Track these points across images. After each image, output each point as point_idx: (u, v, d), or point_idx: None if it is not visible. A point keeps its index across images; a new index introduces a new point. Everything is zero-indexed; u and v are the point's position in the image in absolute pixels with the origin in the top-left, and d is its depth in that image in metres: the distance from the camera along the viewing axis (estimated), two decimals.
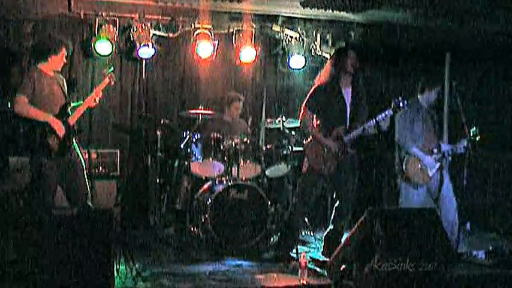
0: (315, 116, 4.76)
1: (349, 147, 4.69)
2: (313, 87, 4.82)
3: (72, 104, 4.76)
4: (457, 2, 5.90)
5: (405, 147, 5.04)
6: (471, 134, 5.00)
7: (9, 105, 4.98)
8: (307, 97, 4.80)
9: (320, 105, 4.72)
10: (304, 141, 4.92)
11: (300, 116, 4.84)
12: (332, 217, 4.91)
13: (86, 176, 4.61)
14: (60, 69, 4.70)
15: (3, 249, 3.45)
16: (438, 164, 5.06)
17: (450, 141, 5.50)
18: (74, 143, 4.62)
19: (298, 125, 5.01)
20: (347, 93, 4.75)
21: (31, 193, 4.87)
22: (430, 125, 5.15)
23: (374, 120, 4.56)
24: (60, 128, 4.45)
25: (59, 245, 3.41)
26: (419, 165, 5.02)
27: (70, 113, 4.61)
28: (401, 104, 4.49)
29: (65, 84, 4.77)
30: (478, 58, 6.88)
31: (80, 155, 4.65)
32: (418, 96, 5.21)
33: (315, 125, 4.77)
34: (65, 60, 4.68)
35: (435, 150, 5.08)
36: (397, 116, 5.07)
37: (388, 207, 6.07)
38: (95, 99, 4.69)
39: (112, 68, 4.90)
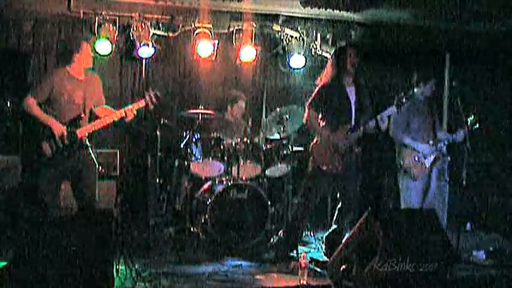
0: (320, 115, 4.74)
1: (355, 146, 4.69)
2: (317, 88, 4.80)
3: (105, 106, 4.66)
4: (457, 2, 5.89)
5: (398, 140, 5.09)
6: (469, 123, 5.06)
7: (8, 104, 4.96)
8: (312, 98, 4.79)
9: (325, 105, 4.71)
10: (311, 142, 4.85)
11: (305, 116, 4.82)
12: (335, 217, 4.91)
13: (96, 179, 4.55)
14: (92, 66, 4.60)
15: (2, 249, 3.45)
16: (435, 153, 5.05)
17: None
18: (89, 149, 4.53)
19: (304, 124, 4.97)
20: (351, 91, 4.75)
21: (23, 192, 4.85)
22: (427, 117, 5.15)
23: (379, 117, 4.56)
24: (60, 135, 4.34)
25: (59, 245, 3.40)
26: (416, 157, 5.04)
27: (86, 121, 4.51)
28: (404, 101, 4.51)
29: (101, 83, 4.67)
30: (478, 58, 6.88)
31: (93, 157, 4.56)
32: (415, 90, 5.20)
33: (320, 125, 4.74)
34: (92, 54, 4.58)
35: (431, 142, 5.09)
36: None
37: (388, 207, 6.09)
38: (124, 117, 4.53)
39: (157, 92, 4.66)
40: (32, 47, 5.89)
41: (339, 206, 4.86)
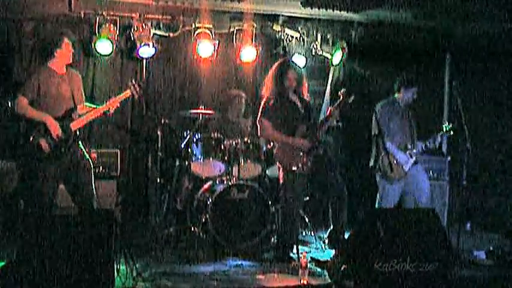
0: (272, 124, 4.85)
1: (319, 146, 4.82)
2: (263, 102, 4.95)
3: (87, 104, 4.70)
4: (457, 2, 5.90)
5: (381, 143, 5.14)
6: (444, 130, 5.26)
7: (9, 105, 4.96)
8: (261, 112, 4.91)
9: (276, 115, 4.85)
10: (274, 151, 4.94)
11: (259, 130, 4.94)
12: (330, 216, 4.93)
13: (92, 178, 4.55)
14: (71, 62, 4.62)
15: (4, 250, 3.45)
16: (413, 160, 5.22)
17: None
18: (80, 145, 4.55)
19: (259, 137, 5.14)
20: (295, 98, 4.96)
21: (21, 196, 4.83)
22: (406, 122, 5.34)
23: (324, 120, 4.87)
24: (55, 130, 4.35)
25: (59, 245, 3.40)
26: (394, 161, 5.13)
27: (78, 115, 4.53)
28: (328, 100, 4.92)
29: (81, 81, 4.71)
30: (478, 58, 6.89)
31: (87, 156, 4.58)
32: (396, 95, 5.39)
33: (276, 134, 4.86)
34: (72, 50, 4.59)
35: (410, 146, 5.25)
36: (375, 111, 5.23)
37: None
38: (109, 109, 4.60)
39: (140, 82, 4.82)
40: (19, 46, 5.88)
41: (330, 204, 4.90)
